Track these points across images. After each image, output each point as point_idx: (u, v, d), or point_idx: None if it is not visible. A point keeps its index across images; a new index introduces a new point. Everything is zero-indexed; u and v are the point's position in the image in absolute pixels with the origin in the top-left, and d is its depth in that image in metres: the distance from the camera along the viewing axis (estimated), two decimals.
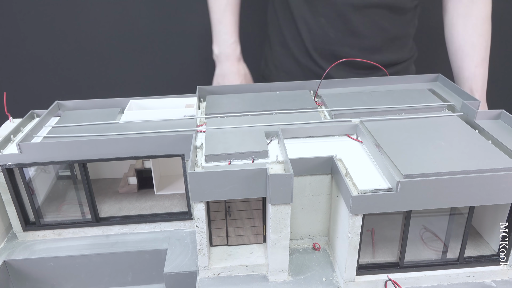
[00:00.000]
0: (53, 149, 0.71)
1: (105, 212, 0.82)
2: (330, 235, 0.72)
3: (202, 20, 1.54)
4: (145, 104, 0.86)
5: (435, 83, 0.96)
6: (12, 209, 0.75)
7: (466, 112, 0.79)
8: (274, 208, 0.61)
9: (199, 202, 0.62)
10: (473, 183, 0.58)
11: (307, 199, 0.70)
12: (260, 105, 0.85)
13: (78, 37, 1.53)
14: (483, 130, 0.73)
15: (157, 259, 0.75)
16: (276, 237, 0.63)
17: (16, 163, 0.71)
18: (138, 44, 1.55)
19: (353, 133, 0.76)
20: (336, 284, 0.66)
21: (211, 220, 0.70)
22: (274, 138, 0.74)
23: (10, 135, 0.77)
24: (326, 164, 0.67)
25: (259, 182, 0.61)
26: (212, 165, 0.66)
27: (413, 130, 0.73)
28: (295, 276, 0.68)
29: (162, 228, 0.80)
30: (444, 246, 0.69)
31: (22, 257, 0.74)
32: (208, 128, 0.76)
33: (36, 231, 0.78)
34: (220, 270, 0.68)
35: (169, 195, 0.87)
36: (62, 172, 0.86)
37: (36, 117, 0.86)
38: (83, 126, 0.79)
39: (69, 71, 1.59)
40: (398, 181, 0.57)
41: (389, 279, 0.65)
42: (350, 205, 0.58)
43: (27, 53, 1.55)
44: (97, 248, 0.76)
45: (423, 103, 0.84)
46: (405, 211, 0.62)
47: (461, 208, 0.67)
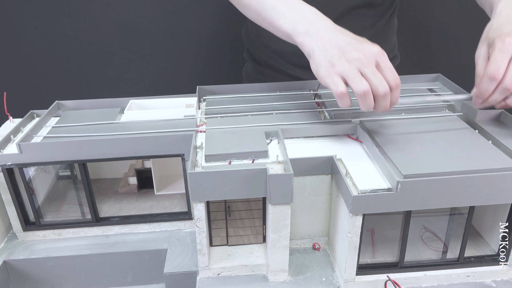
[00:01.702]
0: (53, 149, 0.71)
1: (105, 212, 0.82)
2: (330, 235, 0.72)
3: (202, 20, 1.55)
4: (145, 104, 0.86)
5: (435, 83, 0.96)
6: (12, 209, 0.75)
7: (466, 112, 0.79)
8: (274, 208, 0.61)
9: (199, 202, 0.62)
10: (473, 183, 0.58)
11: (307, 199, 0.70)
12: (260, 105, 0.85)
13: (78, 37, 1.52)
14: (483, 130, 0.73)
15: (157, 259, 0.75)
16: (276, 237, 0.63)
17: (16, 163, 0.71)
18: (138, 44, 1.55)
19: (353, 133, 0.76)
20: (336, 284, 0.66)
21: (211, 220, 0.70)
22: (274, 138, 0.74)
23: (10, 135, 0.77)
24: (326, 164, 0.67)
25: (259, 182, 0.61)
26: (212, 165, 0.66)
27: (413, 130, 0.73)
28: (295, 276, 0.68)
29: (162, 228, 0.80)
30: (444, 246, 0.69)
31: (22, 257, 0.74)
32: (208, 128, 0.76)
33: (36, 231, 0.78)
34: (220, 270, 0.68)
35: (169, 195, 0.87)
36: (62, 172, 0.86)
37: (36, 117, 0.86)
38: (83, 126, 0.79)
39: (69, 71, 1.59)
40: (398, 181, 0.57)
41: (389, 279, 0.65)
42: (350, 205, 0.58)
43: (27, 53, 1.55)
44: (97, 248, 0.76)
45: (423, 103, 0.84)
46: (405, 211, 0.62)
47: (461, 208, 0.67)
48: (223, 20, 1.56)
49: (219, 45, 1.59)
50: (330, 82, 0.64)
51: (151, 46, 1.56)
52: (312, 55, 0.67)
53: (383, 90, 0.62)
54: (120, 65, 1.58)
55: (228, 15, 1.54)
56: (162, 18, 1.52)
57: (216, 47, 1.60)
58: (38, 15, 1.49)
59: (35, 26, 1.50)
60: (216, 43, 1.59)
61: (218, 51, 1.60)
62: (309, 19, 0.69)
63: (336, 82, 0.63)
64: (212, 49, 1.59)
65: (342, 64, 0.63)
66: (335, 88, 0.63)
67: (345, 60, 0.63)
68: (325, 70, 0.65)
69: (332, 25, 0.69)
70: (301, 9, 0.71)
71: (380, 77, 0.62)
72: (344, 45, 0.65)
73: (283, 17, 0.71)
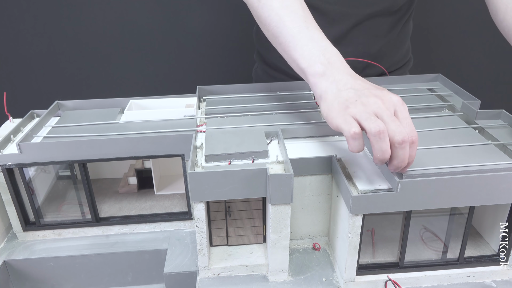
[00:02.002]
0: (53, 149, 0.71)
1: (105, 212, 0.82)
2: (330, 235, 0.72)
3: (202, 20, 1.55)
4: (145, 104, 0.86)
5: (435, 83, 0.96)
6: (12, 209, 0.75)
7: (466, 112, 0.79)
8: (274, 208, 0.61)
9: (199, 202, 0.62)
10: (473, 183, 0.58)
11: (307, 199, 0.70)
12: (260, 105, 0.85)
13: (78, 37, 1.53)
14: (483, 130, 0.73)
15: (157, 259, 0.75)
16: (276, 237, 0.63)
17: (16, 163, 0.71)
18: (138, 44, 1.55)
19: None
20: (336, 284, 0.66)
21: (211, 220, 0.70)
22: (274, 138, 0.74)
23: (10, 135, 0.77)
24: (326, 164, 0.67)
25: (259, 182, 0.61)
26: (212, 165, 0.66)
27: None
28: (295, 276, 0.68)
29: (162, 228, 0.80)
30: (444, 246, 0.69)
31: (22, 257, 0.74)
32: (208, 128, 0.76)
33: (36, 231, 0.78)
34: (220, 270, 0.68)
35: (169, 195, 0.87)
36: (62, 172, 0.86)
37: (36, 117, 0.86)
38: (83, 126, 0.79)
39: (69, 71, 1.59)
40: (398, 181, 0.57)
41: (389, 279, 0.65)
42: (350, 205, 0.58)
43: (27, 53, 1.55)
44: (97, 248, 0.76)
45: (423, 103, 0.84)
46: (405, 211, 0.62)
47: (461, 208, 0.67)
48: (223, 20, 1.56)
49: (219, 45, 1.59)
50: (342, 122, 0.57)
51: (151, 46, 1.56)
52: (325, 96, 0.61)
53: (401, 136, 0.54)
54: (120, 65, 1.58)
55: (230, 15, 1.54)
56: (162, 18, 1.52)
57: (216, 47, 1.60)
58: (38, 15, 1.49)
59: (35, 26, 1.50)
60: (216, 43, 1.59)
61: (218, 51, 1.61)
62: (328, 60, 0.63)
63: (349, 122, 0.56)
64: (212, 49, 1.60)
65: (357, 107, 0.57)
66: (347, 128, 0.56)
67: (361, 103, 0.57)
68: (337, 111, 0.58)
69: (351, 72, 0.64)
70: (323, 46, 0.64)
71: (398, 123, 0.55)
72: (361, 89, 0.59)
73: (301, 50, 0.64)
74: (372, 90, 0.59)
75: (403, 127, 0.55)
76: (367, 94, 0.58)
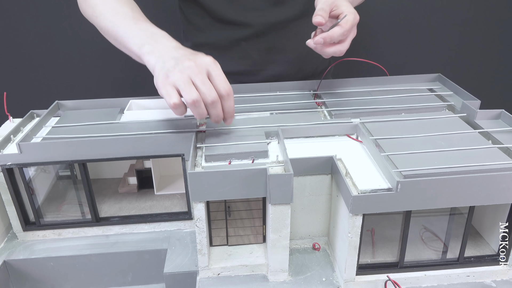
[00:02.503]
0: (53, 149, 0.71)
1: (105, 212, 0.82)
2: (330, 235, 0.72)
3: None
4: (145, 104, 0.86)
5: (435, 83, 0.96)
6: (12, 209, 0.75)
7: (466, 112, 0.79)
8: (274, 208, 0.61)
9: (199, 202, 0.62)
10: (473, 183, 0.58)
11: (307, 199, 0.70)
12: (260, 105, 0.85)
13: (78, 37, 1.53)
14: (483, 130, 0.73)
15: (157, 259, 0.75)
16: (276, 237, 0.64)
17: (16, 163, 0.71)
18: None
19: (353, 133, 0.76)
20: (336, 284, 0.66)
21: (211, 220, 0.70)
22: (274, 138, 0.74)
23: (10, 135, 0.77)
24: (326, 164, 0.67)
25: (259, 182, 0.61)
26: (212, 165, 0.66)
27: (413, 130, 0.73)
28: (295, 276, 0.68)
29: (162, 228, 0.80)
30: (444, 246, 0.69)
31: (22, 257, 0.74)
32: (208, 128, 0.76)
33: (36, 231, 0.78)
34: (220, 270, 0.68)
35: (169, 195, 0.87)
36: (62, 172, 0.86)
37: (36, 117, 0.86)
38: (83, 126, 0.79)
39: (69, 71, 1.59)
40: (398, 181, 0.57)
41: (389, 279, 0.65)
42: (350, 205, 0.58)
43: (27, 53, 1.55)
44: (97, 248, 0.76)
45: (423, 103, 0.84)
46: (405, 211, 0.62)
47: (461, 208, 0.67)
48: None
49: None
50: (164, 93, 0.66)
51: None
52: (154, 69, 0.69)
53: (210, 98, 0.64)
54: (120, 65, 1.58)
55: None
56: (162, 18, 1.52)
57: None
58: (38, 15, 1.49)
59: (35, 26, 1.50)
60: None
61: None
62: (155, 40, 0.72)
63: (169, 93, 0.65)
64: None
65: (175, 74, 0.65)
66: (168, 99, 0.65)
67: (178, 70, 0.65)
68: (161, 81, 0.66)
69: (177, 45, 0.72)
70: (150, 32, 0.74)
71: (208, 85, 0.64)
72: (179, 57, 0.67)
73: (133, 39, 0.74)
74: (188, 55, 0.67)
75: (213, 90, 0.64)
76: (183, 59, 0.66)
